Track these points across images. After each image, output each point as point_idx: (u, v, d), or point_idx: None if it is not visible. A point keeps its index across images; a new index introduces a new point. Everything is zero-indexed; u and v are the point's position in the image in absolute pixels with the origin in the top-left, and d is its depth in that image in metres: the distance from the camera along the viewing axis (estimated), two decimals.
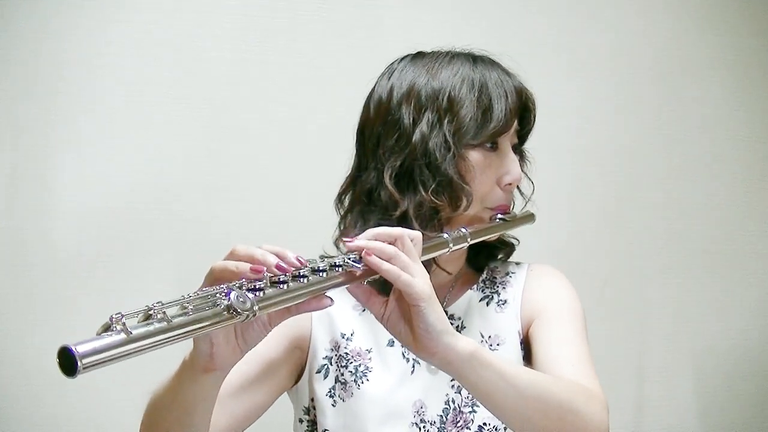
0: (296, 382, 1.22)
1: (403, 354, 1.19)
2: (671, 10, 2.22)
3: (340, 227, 1.23)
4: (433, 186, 1.14)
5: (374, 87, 1.23)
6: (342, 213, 1.23)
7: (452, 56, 1.20)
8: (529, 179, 1.28)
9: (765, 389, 2.27)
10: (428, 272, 0.97)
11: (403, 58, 1.23)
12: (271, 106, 1.95)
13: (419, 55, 1.22)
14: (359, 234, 0.99)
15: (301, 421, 1.23)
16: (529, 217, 1.26)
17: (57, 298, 1.82)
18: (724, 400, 2.24)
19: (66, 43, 1.84)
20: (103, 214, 1.85)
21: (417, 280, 0.94)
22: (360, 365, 1.19)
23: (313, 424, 1.21)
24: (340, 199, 1.24)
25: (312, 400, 1.21)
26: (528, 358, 1.19)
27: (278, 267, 0.89)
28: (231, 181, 1.92)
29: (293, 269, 0.90)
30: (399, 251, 0.95)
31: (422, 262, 0.99)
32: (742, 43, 2.25)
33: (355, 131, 1.24)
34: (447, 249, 1.09)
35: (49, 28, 1.83)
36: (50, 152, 1.83)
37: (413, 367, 1.19)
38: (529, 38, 2.09)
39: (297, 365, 1.21)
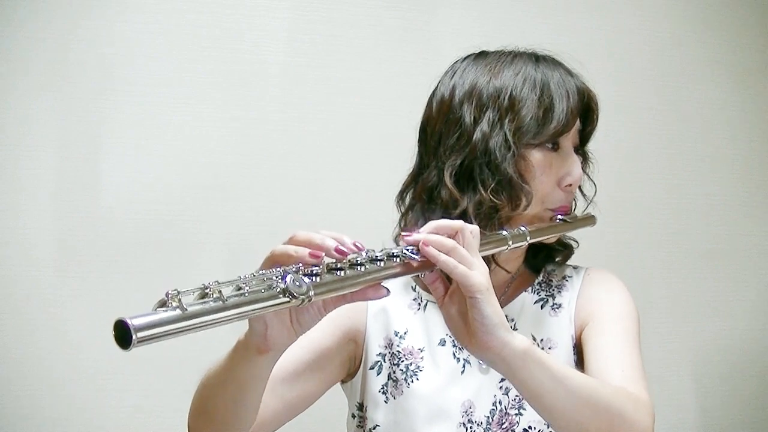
0: (349, 375, 1.23)
1: (453, 354, 1.19)
2: (671, 11, 2.22)
3: (400, 224, 1.23)
4: (492, 185, 1.14)
5: (437, 86, 1.22)
6: (403, 210, 1.23)
7: (515, 56, 1.19)
8: (592, 181, 1.28)
9: (765, 389, 2.27)
10: (488, 270, 0.97)
11: (466, 58, 1.23)
12: (271, 106, 1.95)
13: (482, 55, 1.22)
14: (420, 228, 0.99)
15: (353, 416, 1.24)
16: (589, 219, 1.25)
17: (56, 299, 1.82)
18: (724, 399, 2.24)
19: (67, 43, 1.84)
20: (100, 216, 1.85)
21: (474, 272, 0.94)
22: (411, 364, 1.19)
23: (365, 420, 1.22)
24: (401, 196, 1.24)
25: (365, 395, 1.21)
26: (581, 362, 1.18)
27: (337, 250, 0.91)
28: (230, 181, 1.92)
29: (351, 256, 0.91)
30: (457, 244, 0.96)
31: (481, 258, 0.99)
32: (742, 43, 2.26)
33: (418, 129, 1.23)
34: (506, 246, 1.09)
35: (50, 27, 1.83)
36: (52, 154, 1.84)
37: (464, 367, 1.19)
38: (528, 39, 2.08)
39: (350, 358, 1.22)
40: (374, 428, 1.19)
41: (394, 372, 1.19)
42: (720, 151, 2.24)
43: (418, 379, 1.18)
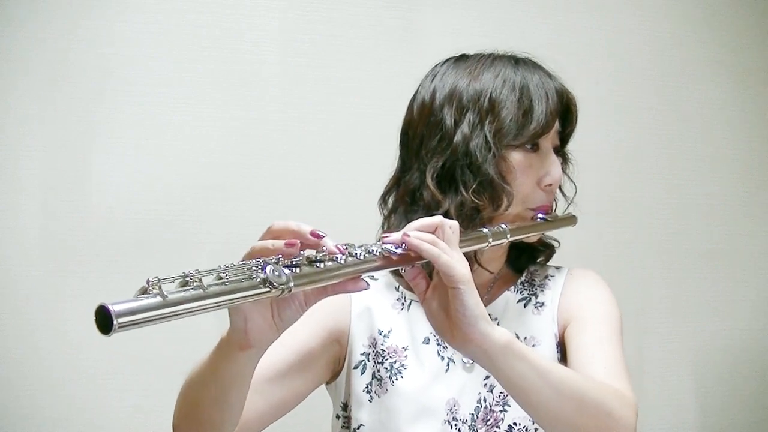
0: (333, 376, 1.24)
1: (438, 352, 1.21)
2: (671, 11, 2.22)
3: (383, 227, 1.24)
4: (474, 186, 1.15)
5: (418, 89, 1.24)
6: (386, 213, 1.24)
7: (494, 59, 1.21)
8: (572, 181, 1.29)
9: (765, 389, 2.27)
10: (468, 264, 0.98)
11: (446, 61, 1.25)
12: (271, 106, 1.95)
13: (462, 58, 1.24)
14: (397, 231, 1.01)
15: (338, 417, 1.24)
16: (570, 219, 1.27)
17: (56, 299, 1.82)
18: (724, 399, 2.24)
19: (67, 43, 1.84)
20: (100, 216, 1.85)
21: (457, 262, 0.95)
22: (395, 362, 1.20)
23: (349, 420, 1.22)
24: (384, 199, 1.25)
25: (349, 395, 1.22)
26: (564, 360, 1.19)
27: (313, 234, 0.91)
28: (230, 181, 1.92)
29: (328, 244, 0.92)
30: (437, 238, 0.97)
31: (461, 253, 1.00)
32: (742, 43, 2.26)
33: (399, 133, 1.25)
34: (486, 243, 1.10)
35: (50, 27, 1.83)
36: (52, 153, 1.84)
37: (448, 365, 1.20)
38: (528, 39, 2.09)
39: (334, 359, 1.22)
40: (359, 428, 1.20)
41: (378, 371, 1.20)
42: (720, 151, 2.24)
43: (402, 377, 1.19)
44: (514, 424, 1.17)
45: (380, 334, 1.21)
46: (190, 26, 1.90)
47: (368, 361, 1.21)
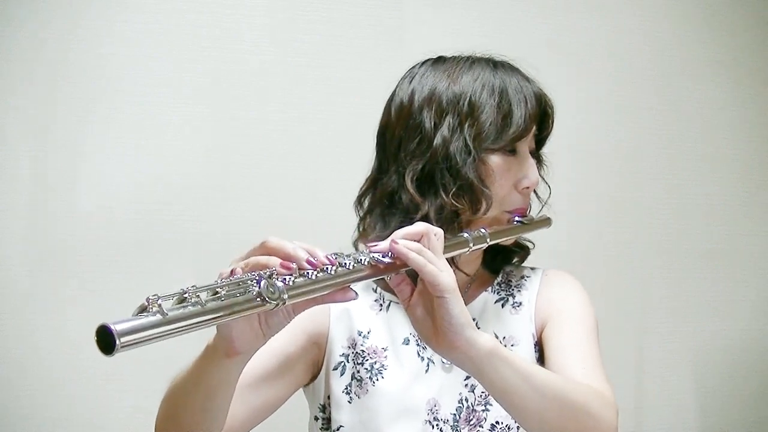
0: (312, 378, 1.24)
1: (417, 353, 1.21)
2: (671, 11, 2.23)
3: (359, 229, 1.25)
4: (453, 189, 1.16)
5: (395, 90, 1.25)
6: (361, 214, 1.25)
7: (473, 61, 1.22)
8: (546, 183, 1.30)
9: (765, 389, 2.27)
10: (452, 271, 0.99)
11: (424, 63, 1.25)
12: (271, 106, 1.95)
13: (440, 60, 1.24)
14: (382, 238, 1.01)
15: (316, 418, 1.24)
16: (545, 222, 1.28)
17: (57, 300, 1.82)
18: (724, 400, 2.24)
19: (67, 43, 1.84)
20: (100, 216, 1.85)
21: (442, 272, 0.96)
22: (375, 362, 1.20)
23: (328, 421, 1.22)
24: (359, 200, 1.26)
25: (328, 397, 1.22)
26: (542, 360, 1.21)
27: (309, 262, 0.92)
28: (230, 181, 1.92)
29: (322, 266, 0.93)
30: (423, 247, 0.98)
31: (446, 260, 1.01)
32: (742, 43, 2.26)
33: (376, 133, 1.25)
34: (467, 248, 1.10)
35: (50, 27, 1.83)
36: (52, 153, 1.84)
37: (428, 365, 1.20)
38: (528, 39, 2.09)
39: (314, 361, 1.23)
40: (338, 429, 1.20)
41: (358, 371, 1.20)
42: (720, 151, 2.25)
43: (383, 377, 1.19)
44: (497, 422, 1.18)
45: (359, 335, 1.22)
46: (190, 26, 1.91)
47: (347, 362, 1.21)
